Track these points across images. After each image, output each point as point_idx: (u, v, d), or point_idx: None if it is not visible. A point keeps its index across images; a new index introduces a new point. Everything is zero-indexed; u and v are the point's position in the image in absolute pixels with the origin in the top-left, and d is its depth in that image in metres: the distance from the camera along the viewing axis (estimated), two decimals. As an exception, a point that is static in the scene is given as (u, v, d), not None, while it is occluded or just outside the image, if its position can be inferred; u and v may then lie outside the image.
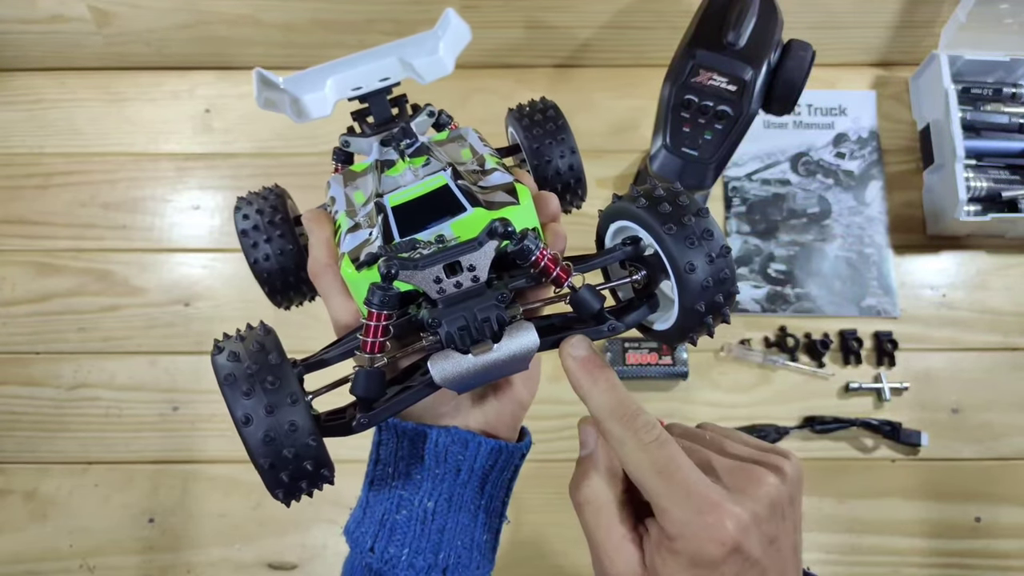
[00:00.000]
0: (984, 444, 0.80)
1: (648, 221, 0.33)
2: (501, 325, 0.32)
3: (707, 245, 0.32)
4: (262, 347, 0.32)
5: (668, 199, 0.33)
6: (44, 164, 0.92)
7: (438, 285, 0.32)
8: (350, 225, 0.37)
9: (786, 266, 0.86)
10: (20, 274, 0.87)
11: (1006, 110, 0.87)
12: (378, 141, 0.41)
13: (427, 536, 0.37)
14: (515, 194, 0.35)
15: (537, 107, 0.46)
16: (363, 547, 0.38)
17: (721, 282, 0.32)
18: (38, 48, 0.92)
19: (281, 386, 0.30)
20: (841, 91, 0.93)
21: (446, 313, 0.32)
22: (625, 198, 0.35)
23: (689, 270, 0.32)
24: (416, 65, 0.42)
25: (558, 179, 0.45)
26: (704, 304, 0.33)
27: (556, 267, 0.33)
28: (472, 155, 0.40)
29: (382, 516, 0.38)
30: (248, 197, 0.45)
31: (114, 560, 0.77)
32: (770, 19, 0.62)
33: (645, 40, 0.91)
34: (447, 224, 0.34)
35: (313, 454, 0.31)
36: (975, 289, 0.86)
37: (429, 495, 0.38)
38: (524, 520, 0.77)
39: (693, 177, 0.62)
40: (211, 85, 0.95)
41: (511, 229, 0.31)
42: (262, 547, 0.77)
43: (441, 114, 0.44)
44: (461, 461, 0.38)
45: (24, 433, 0.81)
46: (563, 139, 0.44)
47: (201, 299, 0.86)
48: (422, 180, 0.35)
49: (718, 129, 0.61)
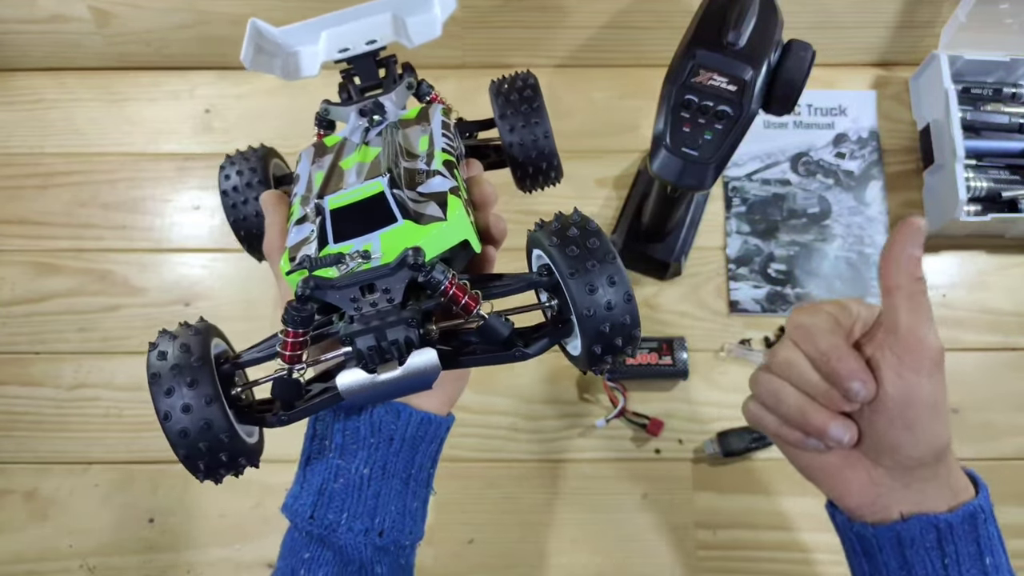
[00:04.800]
0: (984, 444, 0.80)
1: (556, 259, 0.34)
2: (409, 347, 0.33)
3: (608, 291, 0.33)
4: (187, 348, 0.34)
5: (578, 241, 0.34)
6: (44, 164, 0.92)
7: (355, 304, 0.34)
8: (299, 215, 0.39)
9: (786, 266, 0.86)
10: (20, 274, 0.87)
11: (1006, 110, 0.87)
12: (356, 111, 0.43)
13: (363, 501, 0.40)
14: (446, 206, 0.36)
15: (516, 84, 0.46)
16: (303, 516, 0.40)
17: (620, 327, 0.34)
18: (38, 48, 0.92)
19: (199, 387, 0.32)
20: (841, 91, 0.93)
21: (359, 332, 0.33)
22: (544, 230, 0.36)
23: (588, 314, 0.33)
24: (408, 23, 0.44)
25: (529, 162, 0.45)
26: (601, 347, 0.34)
27: (464, 296, 0.34)
28: (427, 146, 0.41)
29: (320, 486, 0.40)
30: (233, 157, 0.47)
31: (114, 560, 0.77)
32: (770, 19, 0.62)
33: (645, 40, 0.91)
34: (378, 235, 0.35)
35: (227, 447, 0.33)
36: (975, 289, 0.86)
37: (364, 463, 0.40)
38: (524, 520, 0.77)
39: (693, 177, 0.62)
40: (211, 85, 0.95)
41: (420, 261, 0.33)
42: (262, 547, 0.77)
43: (422, 84, 0.45)
44: (394, 431, 0.40)
45: (24, 433, 0.81)
46: (536, 122, 0.44)
47: (201, 299, 0.86)
48: (362, 184, 0.36)
49: (718, 129, 0.61)
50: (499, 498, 0.78)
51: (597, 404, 0.81)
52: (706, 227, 0.87)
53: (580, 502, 0.78)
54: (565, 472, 0.79)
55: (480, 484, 0.78)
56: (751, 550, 0.77)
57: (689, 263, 0.86)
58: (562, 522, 0.77)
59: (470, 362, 0.37)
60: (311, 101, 0.95)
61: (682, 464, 0.79)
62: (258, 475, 0.79)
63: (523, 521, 0.78)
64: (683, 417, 0.80)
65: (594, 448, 0.80)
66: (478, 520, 0.77)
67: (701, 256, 0.87)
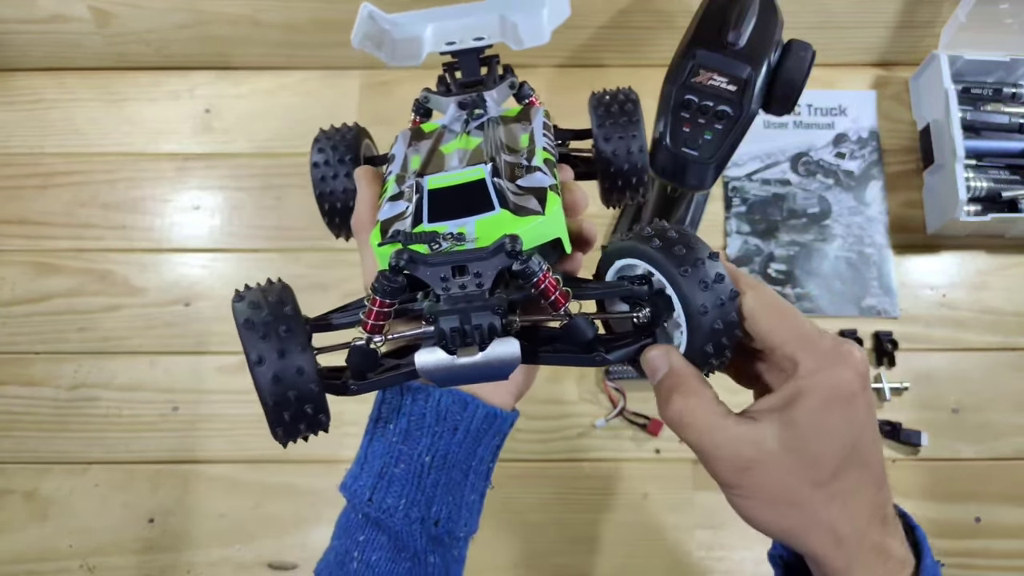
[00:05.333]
0: (984, 444, 0.80)
1: (662, 262, 0.34)
2: (492, 334, 0.33)
3: (718, 289, 0.33)
4: (280, 299, 0.34)
5: (682, 241, 0.34)
6: (44, 164, 0.92)
7: (444, 283, 0.33)
8: (394, 192, 0.39)
9: (786, 266, 0.86)
10: (20, 274, 0.87)
11: (1006, 110, 0.87)
12: (456, 103, 0.43)
13: (422, 489, 0.40)
14: (544, 202, 0.36)
15: (618, 97, 0.46)
16: (362, 498, 0.40)
17: (729, 325, 0.34)
18: (38, 48, 0.92)
19: (293, 334, 0.33)
20: (841, 91, 0.93)
21: (444, 312, 0.33)
22: (636, 237, 0.36)
23: (702, 312, 0.33)
24: (519, 26, 0.44)
25: (620, 175, 0.45)
26: (712, 345, 0.34)
27: (555, 291, 0.34)
28: (527, 144, 0.41)
29: (381, 469, 0.40)
30: (328, 132, 0.47)
31: (114, 560, 0.77)
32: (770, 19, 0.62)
33: (645, 40, 0.91)
34: (473, 220, 0.35)
35: (314, 398, 0.33)
36: (975, 289, 0.86)
37: (427, 450, 0.40)
38: (524, 520, 0.77)
39: (693, 177, 0.62)
40: (211, 85, 0.95)
41: (518, 249, 0.33)
42: (262, 547, 0.77)
43: (523, 86, 0.45)
44: (459, 421, 0.40)
45: (24, 433, 0.81)
46: (634, 136, 0.44)
47: (201, 299, 0.86)
48: (464, 169, 0.36)
49: (718, 129, 0.61)
50: (499, 498, 0.78)
51: (597, 404, 0.81)
52: (706, 227, 0.87)
53: (580, 502, 0.78)
54: (565, 472, 0.79)
55: (480, 484, 0.78)
56: (751, 550, 0.77)
57: (689, 263, 0.86)
58: (562, 522, 0.77)
59: (549, 359, 0.36)
60: (311, 102, 0.96)
61: (682, 464, 0.79)
62: (258, 475, 0.79)
63: (523, 521, 0.78)
64: (683, 417, 0.80)
65: (594, 448, 0.80)
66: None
67: (701, 256, 0.87)
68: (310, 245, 0.89)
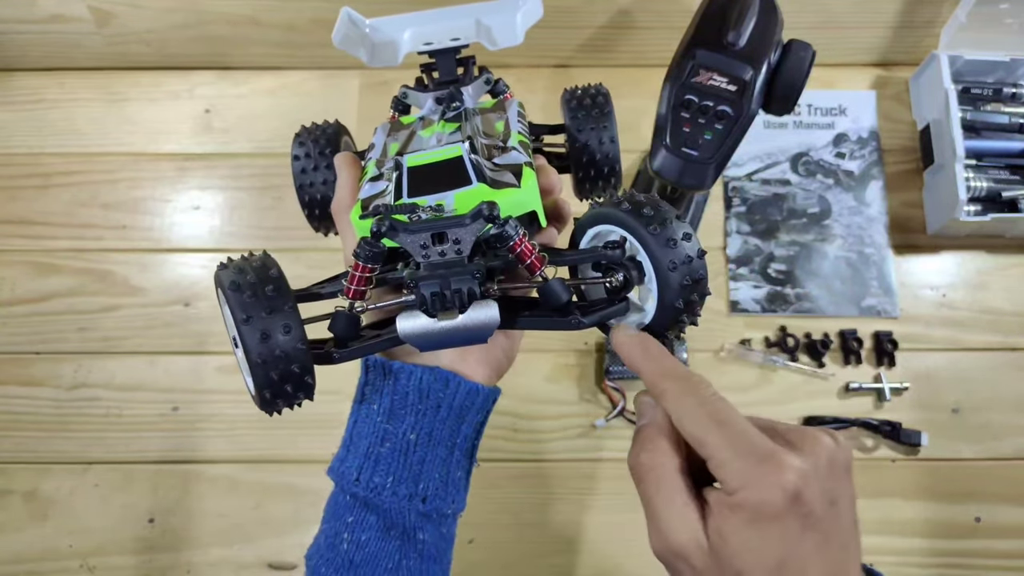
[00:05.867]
0: (984, 444, 0.80)
1: (632, 224, 0.36)
2: (471, 297, 0.35)
3: (686, 246, 0.35)
4: (264, 264, 0.35)
5: (650, 203, 0.36)
6: (44, 164, 0.92)
7: (424, 251, 0.35)
8: (373, 174, 0.40)
9: (786, 266, 0.86)
10: (20, 274, 0.87)
11: (1006, 110, 0.87)
12: (432, 98, 0.45)
13: (408, 467, 0.40)
14: (520, 176, 0.38)
15: (589, 92, 0.48)
16: (349, 479, 0.40)
17: (697, 281, 0.35)
18: (38, 48, 0.92)
19: (280, 294, 0.33)
20: (841, 91, 0.93)
21: (425, 277, 0.34)
22: (607, 203, 0.37)
23: (671, 268, 0.35)
24: (493, 28, 0.46)
25: (592, 164, 0.46)
26: (683, 301, 0.35)
27: (531, 255, 0.36)
28: (503, 129, 0.42)
29: (367, 449, 0.40)
30: (309, 128, 0.49)
31: (114, 560, 0.77)
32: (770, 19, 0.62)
33: (645, 40, 0.91)
34: (452, 194, 0.37)
35: (301, 358, 0.34)
36: (975, 289, 0.86)
37: (411, 428, 0.40)
38: (523, 520, 0.77)
39: (693, 177, 0.62)
40: (211, 85, 0.95)
41: (496, 214, 0.34)
42: (262, 547, 0.77)
43: (498, 82, 0.47)
44: (441, 399, 0.40)
45: (24, 433, 0.81)
46: (605, 127, 0.46)
47: (201, 299, 0.86)
48: (443, 147, 0.38)
49: (718, 129, 0.61)
50: (499, 498, 0.78)
51: (597, 404, 0.81)
52: (706, 227, 0.87)
53: (580, 502, 0.78)
54: (565, 472, 0.79)
55: (480, 484, 0.78)
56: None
57: (689, 263, 0.86)
58: (562, 522, 0.77)
59: (526, 324, 0.38)
60: (310, 102, 0.96)
61: (682, 464, 0.79)
62: (258, 475, 0.79)
63: (523, 521, 0.78)
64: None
65: (594, 448, 0.80)
66: (478, 520, 0.77)
67: (701, 256, 0.87)
68: (310, 245, 0.88)
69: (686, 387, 0.33)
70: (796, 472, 0.30)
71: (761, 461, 0.30)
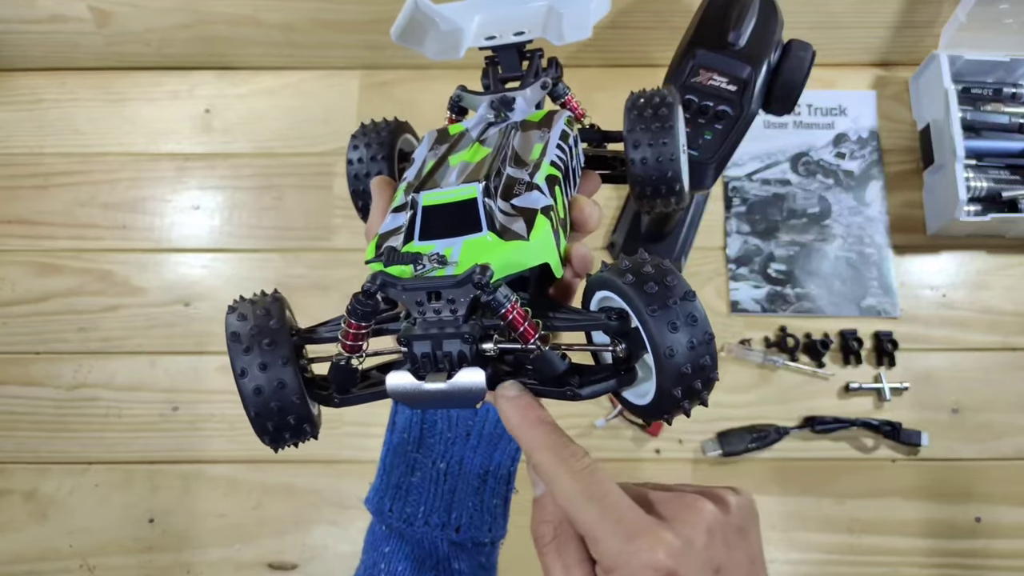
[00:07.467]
0: (984, 444, 0.80)
1: (633, 299, 0.33)
2: (461, 361, 0.33)
3: (690, 331, 0.32)
4: (267, 312, 0.35)
5: (656, 278, 0.33)
6: (44, 164, 0.92)
7: (419, 307, 0.33)
8: (399, 203, 0.39)
9: (786, 266, 0.86)
10: (20, 274, 0.87)
11: (1006, 110, 0.87)
12: (487, 102, 0.44)
13: (440, 496, 0.40)
14: (532, 225, 0.35)
15: (652, 100, 0.43)
16: (382, 510, 0.40)
17: (700, 369, 0.33)
18: (38, 48, 0.92)
19: (276, 347, 0.33)
20: (841, 91, 0.93)
21: (417, 336, 0.33)
22: (612, 270, 0.35)
23: (669, 355, 0.32)
24: (563, 19, 0.44)
25: (649, 183, 0.42)
26: (681, 390, 0.33)
27: (524, 323, 0.33)
28: (538, 156, 0.40)
29: (398, 480, 0.40)
30: (365, 127, 0.47)
31: (114, 560, 0.77)
32: (770, 19, 0.62)
33: (645, 40, 0.91)
34: (461, 241, 0.35)
35: (296, 410, 0.34)
36: (975, 289, 0.86)
37: (441, 457, 0.40)
38: (524, 520, 0.77)
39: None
40: (211, 85, 0.95)
41: (485, 281, 0.32)
42: (262, 547, 0.77)
43: (558, 85, 0.45)
44: (471, 426, 0.40)
45: (24, 433, 0.81)
46: (664, 143, 0.42)
47: (201, 299, 0.86)
48: (458, 187, 0.36)
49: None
50: (499, 498, 0.78)
51: (597, 404, 0.81)
52: (706, 227, 0.87)
53: (580, 502, 0.78)
54: (565, 472, 0.79)
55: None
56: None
57: (689, 263, 0.86)
58: (562, 522, 0.77)
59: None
60: (311, 102, 0.96)
61: (682, 464, 0.79)
62: (258, 475, 0.79)
63: (523, 522, 0.78)
64: (684, 417, 0.80)
65: (594, 448, 0.80)
66: (478, 520, 0.77)
67: (701, 256, 0.87)
68: (310, 245, 0.89)
69: (557, 460, 0.32)
70: (667, 550, 0.28)
71: (631, 539, 0.29)
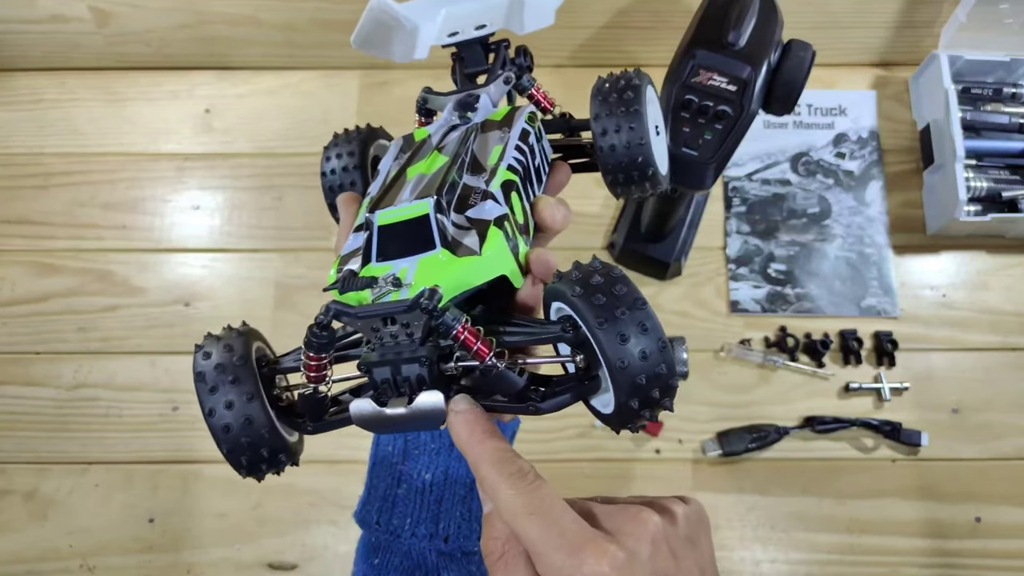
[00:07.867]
0: (984, 444, 0.80)
1: (582, 311, 0.32)
2: (420, 385, 0.33)
3: (641, 341, 0.31)
4: (230, 348, 0.35)
5: (603, 289, 0.32)
6: (44, 164, 0.92)
7: (376, 333, 0.33)
8: (361, 221, 0.38)
9: (786, 266, 0.86)
10: (20, 274, 0.87)
11: (1006, 110, 0.87)
12: (452, 102, 0.43)
13: (426, 507, 0.40)
14: (485, 239, 0.35)
15: (618, 84, 0.42)
16: (370, 523, 0.40)
17: (656, 377, 0.31)
18: (38, 48, 0.92)
19: (240, 384, 0.34)
20: (841, 91, 0.93)
21: (376, 363, 0.33)
22: (564, 281, 0.34)
23: (621, 367, 0.31)
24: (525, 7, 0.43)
25: (620, 169, 0.41)
26: (638, 400, 0.32)
27: (476, 343, 0.33)
28: (496, 160, 0.39)
29: (384, 492, 0.41)
30: (337, 138, 0.46)
31: (114, 560, 0.77)
32: (770, 19, 0.62)
33: (645, 40, 0.91)
34: (417, 260, 0.34)
35: (267, 443, 0.34)
36: (975, 289, 0.86)
37: (426, 468, 0.40)
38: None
39: (693, 177, 0.62)
40: (211, 85, 0.95)
41: (432, 305, 0.32)
42: (262, 547, 0.77)
43: (522, 78, 0.44)
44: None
45: (24, 433, 0.81)
46: (632, 127, 0.40)
47: (201, 299, 0.86)
48: (411, 204, 0.35)
49: (718, 129, 0.61)
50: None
51: (597, 404, 0.81)
52: (706, 227, 0.87)
53: (580, 502, 0.78)
54: (565, 472, 0.79)
55: (480, 484, 0.78)
56: (750, 550, 0.77)
57: (689, 263, 0.86)
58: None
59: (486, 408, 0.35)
60: (311, 102, 0.96)
61: (682, 464, 0.79)
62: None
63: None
64: (683, 417, 0.80)
65: (594, 448, 0.80)
66: (478, 520, 0.77)
67: (701, 256, 0.87)
68: (310, 245, 0.89)
69: (501, 476, 0.31)
70: (611, 562, 0.28)
71: (574, 553, 0.28)
